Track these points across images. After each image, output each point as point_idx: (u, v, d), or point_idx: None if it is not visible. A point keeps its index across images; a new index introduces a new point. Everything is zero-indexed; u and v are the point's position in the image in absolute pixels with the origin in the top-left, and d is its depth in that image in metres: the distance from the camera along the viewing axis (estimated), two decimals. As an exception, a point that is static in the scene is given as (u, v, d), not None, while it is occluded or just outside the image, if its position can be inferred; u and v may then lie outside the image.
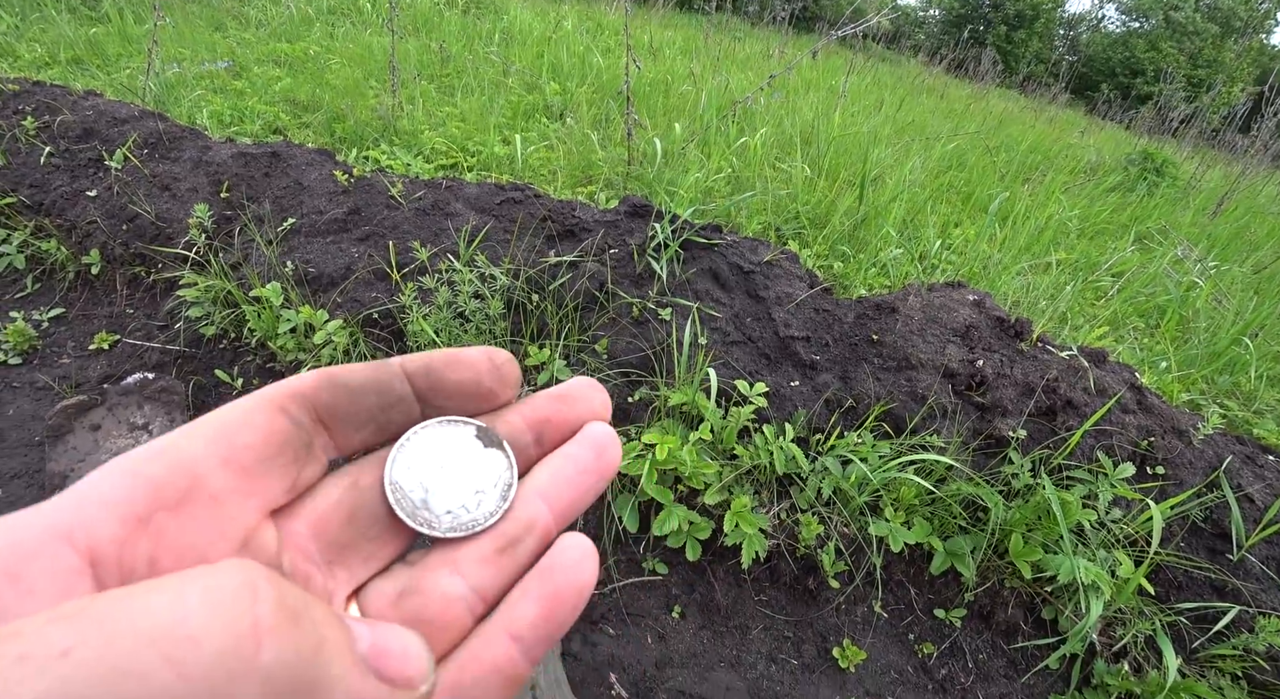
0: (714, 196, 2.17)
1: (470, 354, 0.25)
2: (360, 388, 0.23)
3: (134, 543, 0.17)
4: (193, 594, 0.14)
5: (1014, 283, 2.01)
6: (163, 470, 0.19)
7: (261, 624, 0.15)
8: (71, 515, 0.17)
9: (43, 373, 1.56)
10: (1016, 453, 1.30)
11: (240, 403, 0.22)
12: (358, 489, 0.24)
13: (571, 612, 0.23)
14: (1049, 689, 1.19)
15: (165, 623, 0.13)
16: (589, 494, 0.26)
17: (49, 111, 1.89)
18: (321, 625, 0.16)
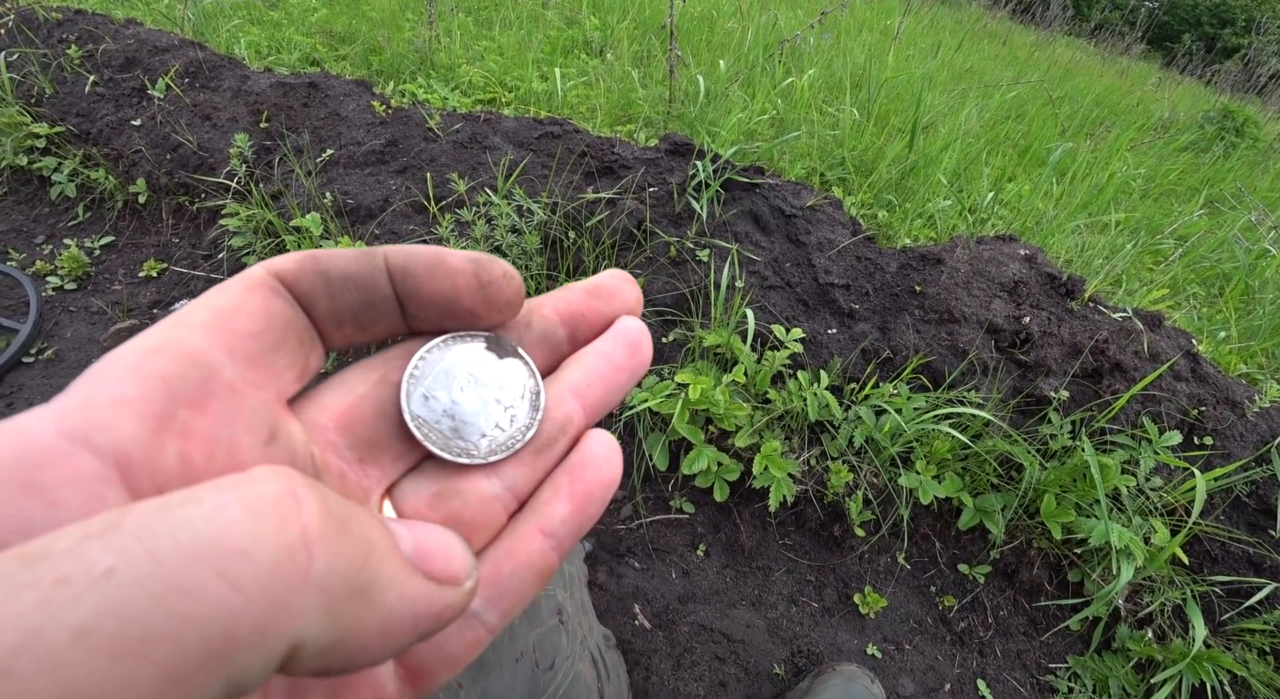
0: (757, 138, 2.09)
1: (454, 263, 0.22)
2: (341, 280, 0.21)
3: (159, 443, 0.16)
4: (234, 505, 0.13)
5: (1068, 241, 1.92)
6: (172, 365, 0.17)
7: (310, 533, 0.14)
8: (83, 417, 0.15)
9: (96, 298, 1.62)
10: (1057, 414, 1.27)
11: (228, 287, 0.20)
12: (387, 385, 0.23)
13: (599, 507, 0.24)
14: (1067, 649, 1.19)
15: (210, 536, 0.13)
16: (620, 391, 0.25)
17: (91, 40, 1.89)
18: (368, 530, 0.16)
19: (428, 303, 0.22)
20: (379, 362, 0.24)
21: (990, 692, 1.11)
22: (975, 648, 1.16)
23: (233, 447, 0.18)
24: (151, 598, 0.11)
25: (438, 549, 0.18)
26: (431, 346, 0.23)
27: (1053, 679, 1.13)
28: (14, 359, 1.44)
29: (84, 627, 0.11)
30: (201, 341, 0.18)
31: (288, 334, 0.20)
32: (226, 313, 0.19)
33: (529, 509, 0.23)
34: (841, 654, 1.11)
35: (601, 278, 0.26)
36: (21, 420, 0.15)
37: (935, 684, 1.10)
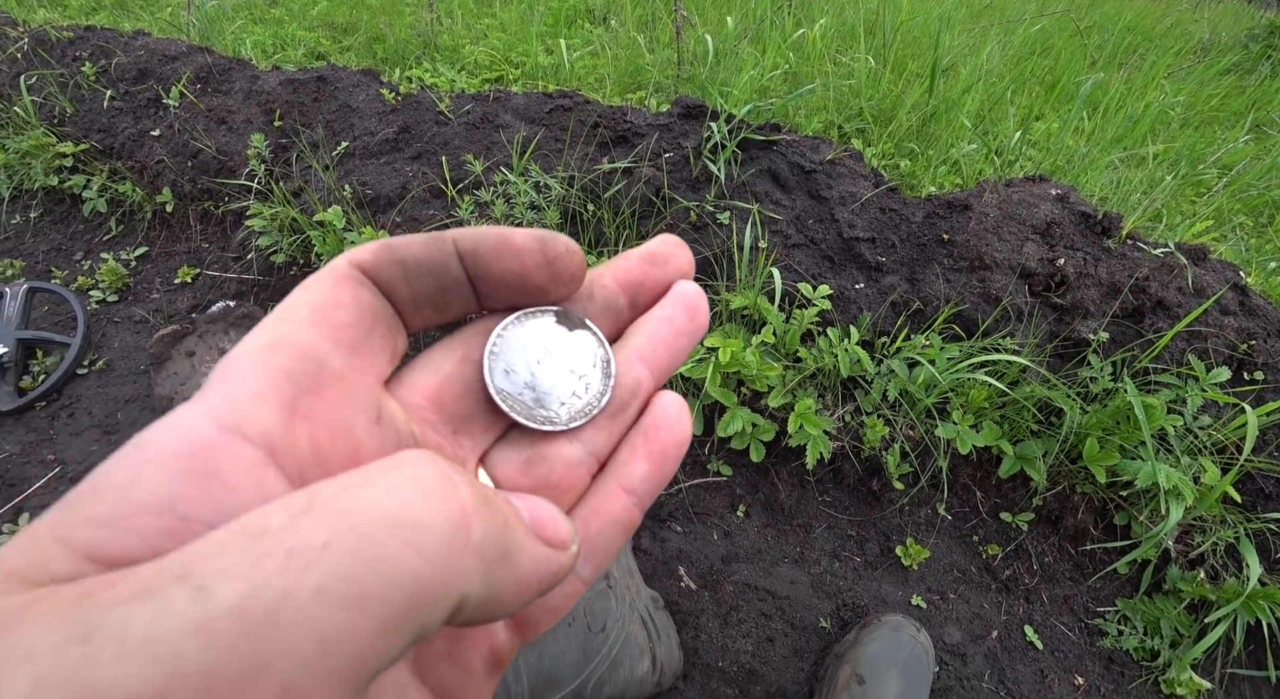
0: (771, 95, 2.04)
1: (520, 242, 0.23)
2: (416, 266, 0.23)
3: (292, 429, 0.18)
4: (405, 486, 0.15)
5: (1102, 178, 1.84)
6: (290, 359, 0.19)
7: (467, 507, 0.16)
8: (232, 412, 0.18)
9: (137, 307, 1.67)
10: (1096, 356, 1.24)
11: (320, 282, 0.21)
12: (470, 362, 0.25)
13: (675, 463, 0.25)
14: (1115, 593, 1.18)
15: (394, 511, 0.15)
16: (683, 354, 0.27)
17: (104, 55, 1.92)
18: (501, 504, 0.18)
19: (498, 282, 0.24)
20: (459, 341, 0.25)
21: (1038, 637, 1.11)
22: (1021, 594, 1.16)
23: (349, 428, 0.20)
24: (362, 564, 0.14)
25: (547, 518, 0.20)
26: (506, 324, 0.25)
27: (1101, 623, 1.13)
28: (69, 372, 1.50)
29: (320, 587, 0.13)
30: (309, 336, 0.20)
31: (377, 322, 0.22)
32: (324, 307, 0.21)
33: (610, 470, 0.25)
34: (886, 606, 1.12)
35: (655, 244, 0.27)
36: (180, 419, 0.17)
37: (981, 631, 1.11)
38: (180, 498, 0.16)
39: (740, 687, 1.02)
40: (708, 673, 1.03)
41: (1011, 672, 1.06)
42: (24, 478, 1.33)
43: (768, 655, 1.05)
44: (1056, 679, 1.06)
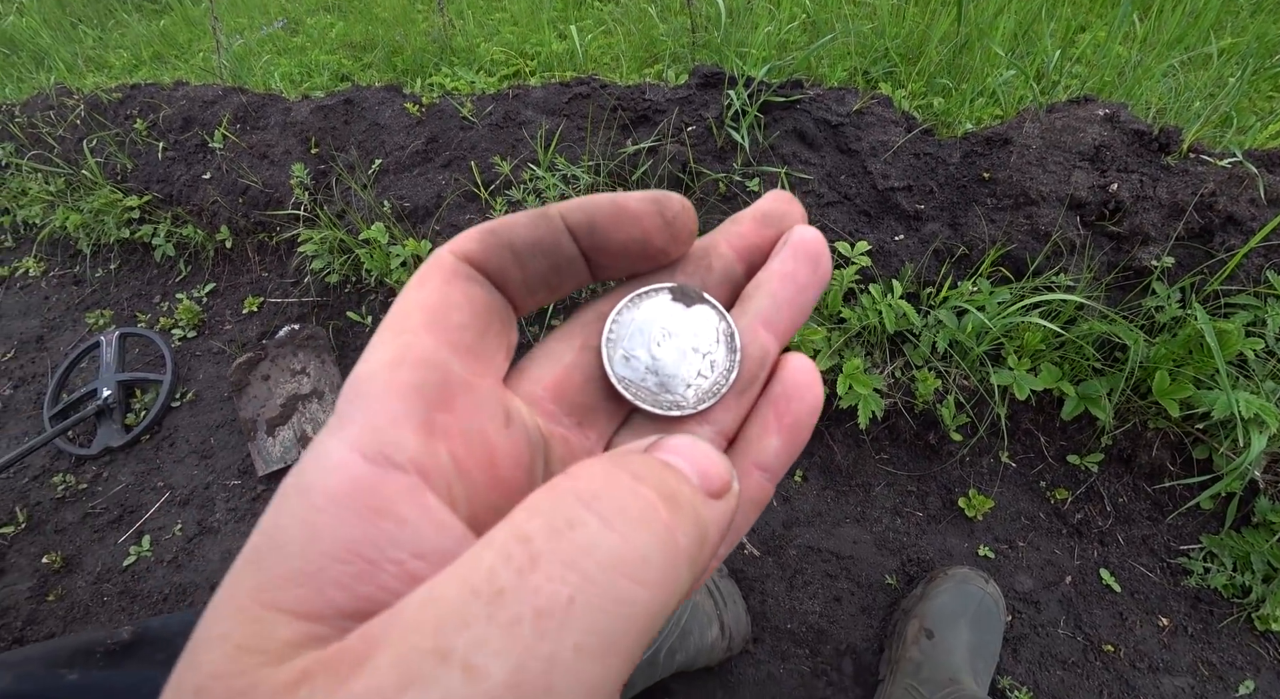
0: (790, 49, 1.98)
1: (636, 207, 0.22)
2: (527, 249, 0.22)
3: (433, 447, 0.18)
4: (617, 522, 0.15)
5: (1158, 87, 1.71)
6: (415, 374, 0.19)
7: (669, 523, 0.16)
8: (375, 441, 0.17)
9: (214, 340, 1.81)
10: (1161, 283, 1.18)
11: (428, 282, 0.21)
12: (589, 350, 0.24)
13: (807, 433, 0.24)
14: (1199, 530, 1.13)
15: (616, 552, 0.15)
16: (808, 310, 0.25)
17: (151, 110, 2.04)
18: (684, 493, 0.17)
19: (618, 251, 0.23)
20: (575, 328, 0.25)
21: (1115, 580, 1.08)
22: (1095, 538, 1.13)
23: (482, 436, 0.20)
24: (606, 612, 0.14)
25: (710, 468, 0.19)
26: (621, 308, 0.24)
27: (1185, 561, 1.09)
28: (165, 406, 1.65)
29: (579, 645, 0.14)
30: (429, 345, 0.19)
31: (491, 318, 0.22)
32: (437, 309, 0.20)
33: (740, 446, 0.24)
34: (952, 558, 1.12)
35: (766, 203, 0.26)
36: (330, 458, 0.17)
37: (1054, 578, 1.09)
38: (360, 541, 0.16)
39: (810, 646, 1.04)
40: (777, 635, 1.06)
41: (1089, 616, 1.05)
42: (140, 504, 1.49)
43: (835, 615, 1.08)
44: (1138, 621, 1.04)
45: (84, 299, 2.02)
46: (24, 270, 2.17)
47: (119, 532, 1.44)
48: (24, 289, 2.13)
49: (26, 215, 2.16)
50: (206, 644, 0.15)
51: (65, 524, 1.48)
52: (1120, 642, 1.02)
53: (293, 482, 0.17)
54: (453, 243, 0.22)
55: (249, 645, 0.15)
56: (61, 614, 1.32)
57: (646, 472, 0.17)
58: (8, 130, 2.28)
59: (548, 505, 0.15)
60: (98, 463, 1.59)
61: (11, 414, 1.77)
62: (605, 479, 0.16)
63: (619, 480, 0.16)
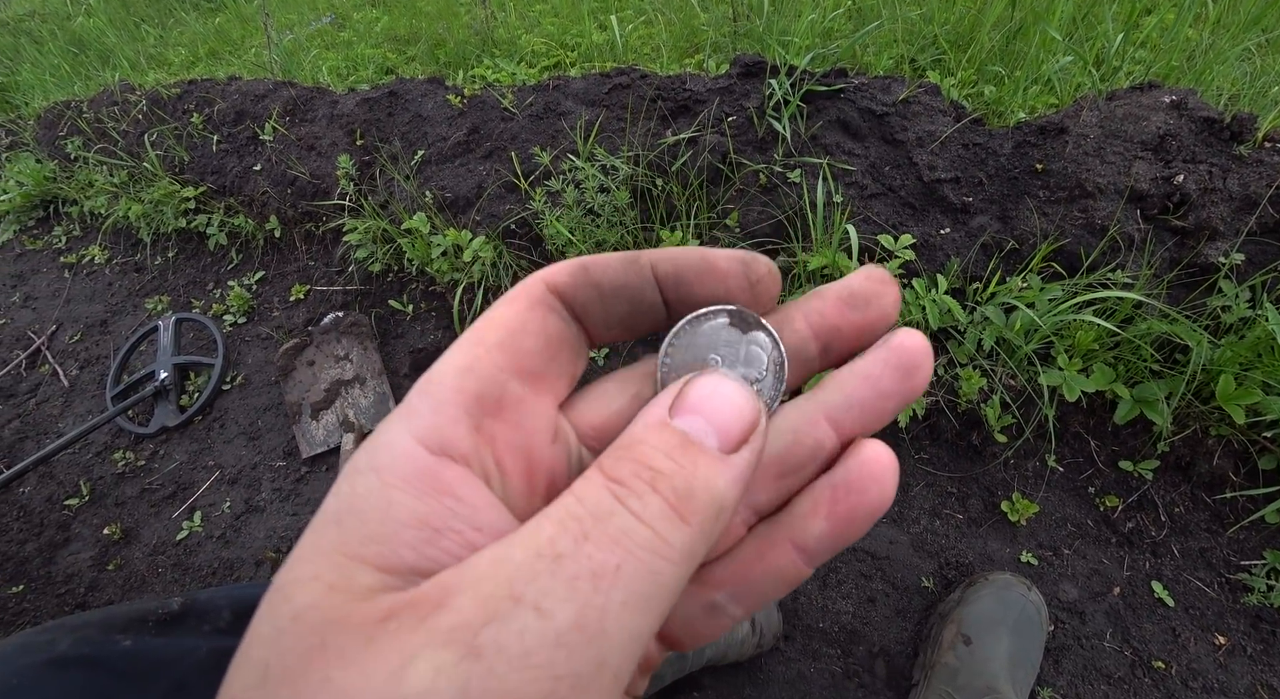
0: (835, 37, 1.93)
1: (724, 265, 0.23)
2: (613, 292, 0.23)
3: (481, 449, 0.21)
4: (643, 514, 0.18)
5: (1232, 72, 1.61)
6: (479, 384, 0.21)
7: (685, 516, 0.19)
8: (438, 435, 0.20)
9: (263, 326, 1.87)
10: (1229, 281, 1.11)
11: (514, 304, 0.23)
12: (640, 401, 0.24)
13: (863, 528, 0.22)
14: (1263, 544, 1.06)
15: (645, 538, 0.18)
16: (884, 419, 0.23)
17: (207, 104, 2.12)
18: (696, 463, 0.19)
19: (700, 305, 0.24)
20: (635, 376, 0.25)
21: (1168, 593, 1.03)
22: (1147, 548, 1.08)
23: (527, 447, 0.22)
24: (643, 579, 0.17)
25: (728, 421, 0.20)
26: (679, 329, 0.24)
27: (1246, 577, 1.03)
28: (217, 389, 1.72)
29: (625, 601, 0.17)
30: (499, 361, 0.22)
31: (562, 349, 0.23)
32: (514, 331, 0.22)
33: (783, 519, 0.23)
34: (993, 563, 1.08)
35: (856, 281, 0.24)
36: (395, 443, 0.20)
37: (1101, 588, 1.04)
38: (429, 513, 0.19)
39: (842, 647, 1.03)
40: (809, 634, 1.04)
41: (1137, 630, 1.00)
42: (192, 482, 1.55)
43: (869, 616, 1.05)
44: (1193, 639, 0.99)
45: (144, 285, 2.12)
46: (90, 257, 2.28)
47: (173, 507, 1.51)
48: (90, 275, 2.24)
49: (93, 206, 2.27)
50: (296, 583, 0.17)
51: (125, 498, 1.56)
52: (1172, 659, 0.98)
53: (366, 460, 0.20)
54: (547, 271, 0.23)
55: (338, 585, 0.17)
56: (120, 583, 1.39)
57: (664, 467, 0.19)
58: (76, 125, 2.40)
59: (591, 497, 0.18)
60: (154, 441, 1.67)
61: (78, 393, 1.87)
62: (631, 480, 0.19)
63: (640, 487, 0.19)
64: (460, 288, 1.61)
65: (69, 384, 1.90)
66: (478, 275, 1.58)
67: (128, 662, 0.50)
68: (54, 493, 1.60)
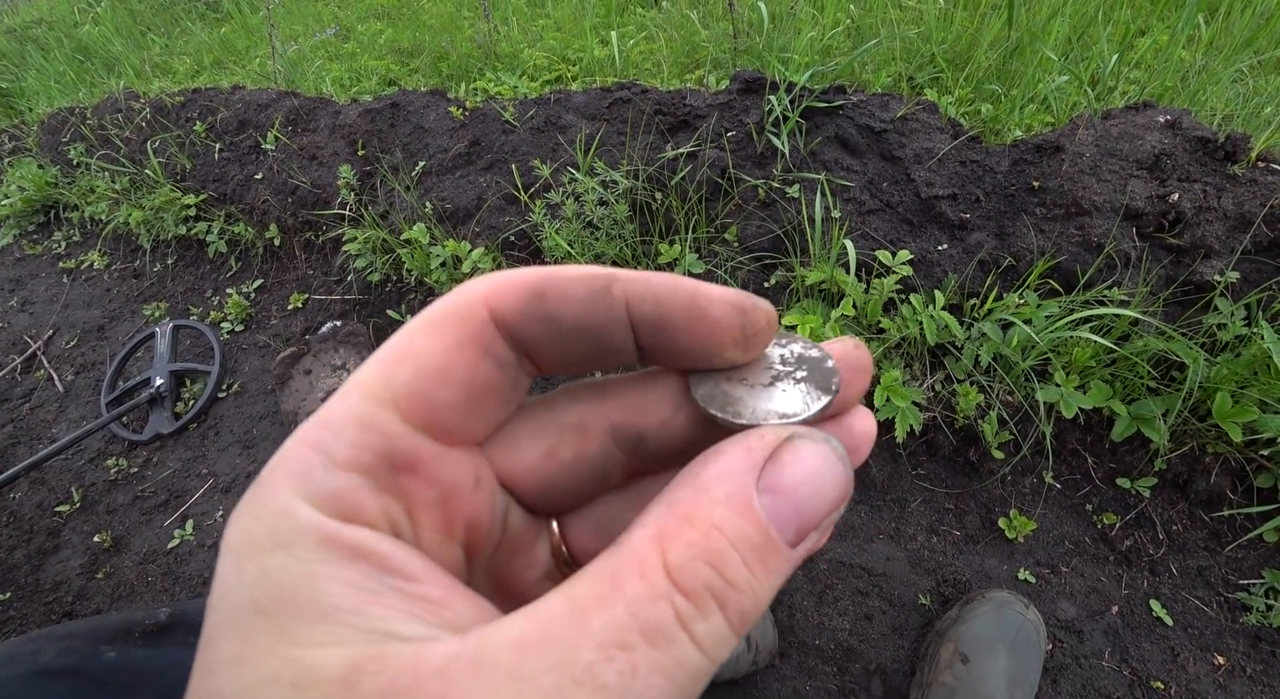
0: (834, 55, 1.95)
1: (717, 312, 0.20)
2: (573, 331, 0.19)
3: (390, 506, 0.18)
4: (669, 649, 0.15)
5: (1225, 93, 1.63)
6: (383, 444, 0.18)
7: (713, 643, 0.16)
8: (339, 503, 0.18)
9: (260, 334, 1.87)
10: (1225, 299, 1.11)
11: (439, 335, 0.19)
12: (558, 461, 0.22)
13: None
14: (1262, 563, 1.06)
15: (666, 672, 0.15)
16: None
17: (210, 113, 2.13)
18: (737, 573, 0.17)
19: (681, 353, 0.20)
20: (552, 426, 0.23)
21: (1166, 612, 1.02)
22: (1145, 566, 1.07)
23: (443, 499, 0.20)
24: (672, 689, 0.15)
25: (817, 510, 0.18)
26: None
27: (1245, 596, 1.02)
28: (212, 396, 1.71)
29: None
30: (409, 412, 0.19)
31: (489, 397, 0.20)
32: (433, 377, 0.19)
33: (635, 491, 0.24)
34: (990, 581, 1.08)
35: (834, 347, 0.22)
36: (290, 514, 0.17)
37: (1100, 607, 1.04)
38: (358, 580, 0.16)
39: (838, 664, 1.01)
40: (805, 651, 1.03)
41: (1136, 650, 0.99)
42: (186, 490, 1.54)
43: (866, 633, 1.04)
44: (1191, 658, 0.98)
45: (142, 292, 2.12)
46: (89, 263, 2.28)
47: (165, 515, 1.50)
48: (89, 281, 2.24)
49: (94, 211, 2.27)
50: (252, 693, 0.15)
51: (116, 505, 1.55)
52: (1171, 679, 0.97)
53: (266, 536, 0.17)
54: (492, 289, 0.19)
55: (302, 682, 0.15)
56: (109, 591, 1.38)
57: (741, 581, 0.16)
58: (80, 132, 2.41)
59: (646, 612, 0.15)
60: (148, 448, 1.66)
61: (73, 398, 1.86)
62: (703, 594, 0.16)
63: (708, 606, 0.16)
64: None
65: (64, 389, 1.89)
66: (476, 286, 1.58)
67: (112, 673, 0.50)
68: (45, 499, 1.59)
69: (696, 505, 0.17)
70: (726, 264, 1.45)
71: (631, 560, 0.16)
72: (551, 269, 0.19)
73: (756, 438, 0.18)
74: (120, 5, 4.00)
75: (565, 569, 0.24)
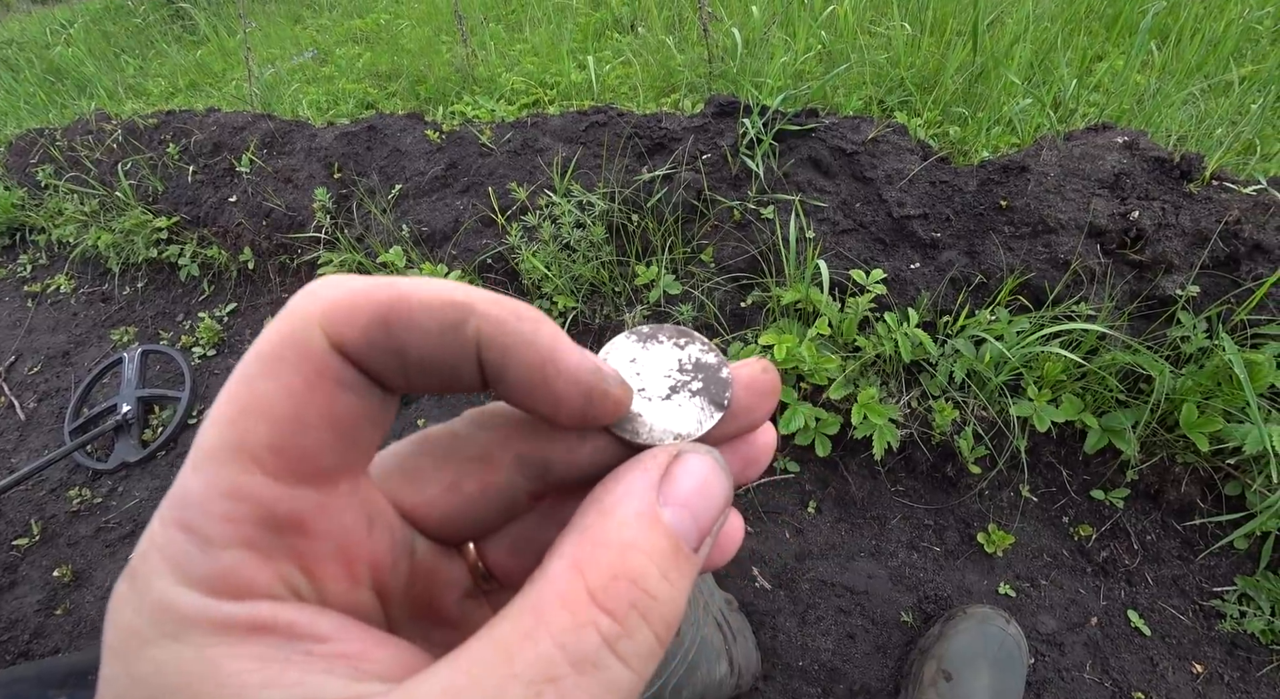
0: (807, 78, 2.00)
1: (562, 388, 0.19)
2: (419, 364, 0.18)
3: (282, 569, 0.17)
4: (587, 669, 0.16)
5: (1179, 115, 1.69)
6: (254, 511, 0.17)
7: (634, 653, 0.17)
8: (225, 581, 0.16)
9: (232, 359, 1.83)
10: (1186, 313, 1.15)
11: (284, 378, 0.17)
12: (460, 494, 0.22)
13: None
14: (1233, 570, 1.08)
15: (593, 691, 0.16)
16: None
17: (184, 135, 2.11)
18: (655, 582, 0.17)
19: (519, 404, 0.20)
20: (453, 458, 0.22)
21: (1144, 622, 1.03)
22: (1121, 577, 1.08)
23: (338, 548, 0.19)
24: None
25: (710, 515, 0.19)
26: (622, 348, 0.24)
27: (1219, 604, 1.04)
28: (182, 423, 1.67)
29: None
30: (275, 469, 0.17)
31: (359, 427, 0.18)
32: (291, 426, 0.17)
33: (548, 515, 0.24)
34: (971, 596, 1.08)
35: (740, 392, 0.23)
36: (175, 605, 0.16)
37: (1079, 619, 1.04)
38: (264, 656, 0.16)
39: (823, 686, 1.00)
40: (788, 673, 1.02)
41: (1116, 661, 1.00)
42: (154, 522, 1.49)
43: (849, 653, 1.04)
44: (1170, 668, 0.99)
45: (110, 316, 2.07)
46: (56, 287, 2.23)
47: (130, 547, 1.45)
48: (54, 305, 2.19)
49: (61, 234, 2.23)
50: None
51: (78, 538, 1.49)
52: (1151, 689, 0.97)
53: (154, 629, 0.16)
54: (326, 314, 0.17)
55: None
56: (68, 629, 1.32)
57: (660, 592, 0.17)
58: (48, 154, 2.37)
59: (573, 643, 0.15)
60: (114, 478, 1.61)
61: (34, 427, 1.80)
62: (628, 613, 0.16)
63: (634, 623, 0.16)
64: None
65: (25, 417, 1.83)
66: (454, 307, 1.57)
67: None
68: (1, 532, 1.53)
69: (606, 528, 0.17)
70: (703, 285, 1.46)
71: (551, 593, 0.16)
72: (399, 290, 0.18)
73: (650, 458, 0.19)
74: (94, 27, 3.97)
75: (486, 585, 0.24)
